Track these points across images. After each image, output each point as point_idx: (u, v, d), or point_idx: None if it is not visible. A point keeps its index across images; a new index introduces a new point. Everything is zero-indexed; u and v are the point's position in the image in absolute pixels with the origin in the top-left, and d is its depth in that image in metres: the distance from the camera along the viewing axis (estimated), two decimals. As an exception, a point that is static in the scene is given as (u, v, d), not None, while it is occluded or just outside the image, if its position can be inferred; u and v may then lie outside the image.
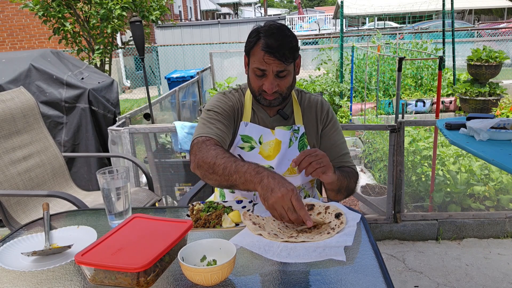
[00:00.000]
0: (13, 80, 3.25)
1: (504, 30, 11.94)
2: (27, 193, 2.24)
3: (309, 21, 30.16)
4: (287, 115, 1.58)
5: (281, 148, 1.55)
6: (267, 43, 1.40)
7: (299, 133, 1.58)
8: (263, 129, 1.56)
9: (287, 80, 1.46)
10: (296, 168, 1.32)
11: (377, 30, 10.85)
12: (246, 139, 1.56)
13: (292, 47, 1.43)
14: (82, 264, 0.96)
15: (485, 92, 6.14)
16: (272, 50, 1.39)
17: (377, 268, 1.01)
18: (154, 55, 10.48)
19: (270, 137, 1.56)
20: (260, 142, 1.56)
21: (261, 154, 1.56)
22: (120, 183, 1.25)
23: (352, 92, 6.65)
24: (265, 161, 1.55)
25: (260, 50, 1.41)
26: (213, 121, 1.49)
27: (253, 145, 1.56)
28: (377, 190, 3.45)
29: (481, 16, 21.73)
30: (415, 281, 2.45)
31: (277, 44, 1.39)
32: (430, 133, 3.84)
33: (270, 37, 1.40)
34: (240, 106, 1.59)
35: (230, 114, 1.54)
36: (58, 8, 5.42)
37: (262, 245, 1.10)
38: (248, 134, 1.56)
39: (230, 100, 1.58)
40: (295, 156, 1.51)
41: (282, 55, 1.40)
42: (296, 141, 1.57)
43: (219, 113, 1.52)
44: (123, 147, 2.86)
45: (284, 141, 1.55)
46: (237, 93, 1.61)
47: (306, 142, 1.59)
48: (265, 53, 1.40)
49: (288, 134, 1.56)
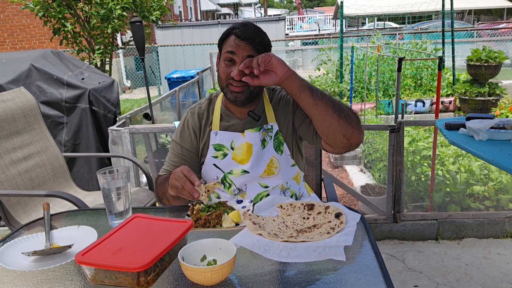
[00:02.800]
0: (14, 80, 3.25)
1: (503, 30, 11.93)
2: (28, 193, 2.24)
3: (309, 21, 30.17)
4: (258, 116, 1.54)
5: (253, 151, 1.52)
6: (239, 30, 1.41)
7: (272, 131, 1.54)
8: (233, 134, 1.54)
9: None
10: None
11: (377, 30, 10.84)
12: (218, 148, 1.55)
13: (264, 41, 1.44)
14: (82, 264, 0.97)
15: (484, 92, 6.14)
16: (243, 35, 1.40)
17: (377, 268, 1.01)
18: (154, 55, 10.48)
19: (241, 141, 1.53)
20: (232, 147, 1.54)
21: (234, 159, 1.53)
22: (121, 183, 1.26)
23: (352, 92, 6.65)
24: (239, 166, 1.53)
25: (232, 37, 1.42)
26: (172, 157, 1.61)
27: (225, 152, 1.54)
28: (377, 190, 3.45)
29: (481, 16, 21.72)
30: (415, 281, 2.45)
31: (249, 33, 1.41)
32: (429, 133, 3.84)
33: (242, 27, 1.42)
34: (207, 119, 1.59)
35: (191, 140, 1.59)
36: (59, 8, 5.42)
37: (262, 245, 1.10)
38: (219, 142, 1.54)
39: (192, 123, 1.59)
40: (271, 156, 1.54)
41: (252, 40, 1.40)
42: (271, 140, 1.54)
43: (179, 146, 1.60)
44: (123, 147, 2.86)
45: (255, 144, 1.52)
46: (205, 103, 1.62)
47: (282, 140, 1.55)
48: (236, 37, 1.41)
49: (258, 135, 1.52)
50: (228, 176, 1.54)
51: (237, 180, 1.54)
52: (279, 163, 1.54)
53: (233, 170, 1.53)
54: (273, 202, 1.38)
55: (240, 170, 1.53)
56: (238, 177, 1.53)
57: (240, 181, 1.54)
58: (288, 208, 1.31)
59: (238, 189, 1.55)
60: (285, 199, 1.41)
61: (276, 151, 1.54)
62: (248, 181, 1.54)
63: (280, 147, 1.55)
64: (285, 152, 1.55)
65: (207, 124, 1.58)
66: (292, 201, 1.37)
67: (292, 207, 1.31)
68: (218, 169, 1.55)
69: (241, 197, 1.55)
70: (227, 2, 33.64)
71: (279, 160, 1.54)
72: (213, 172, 1.56)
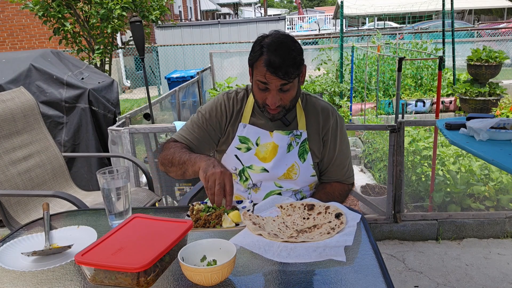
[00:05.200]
0: (13, 80, 3.25)
1: (504, 30, 11.92)
2: (27, 193, 2.24)
3: (309, 21, 30.15)
4: (289, 121, 1.55)
5: (277, 152, 1.53)
6: (269, 59, 1.36)
7: (300, 138, 1.55)
8: (261, 131, 1.55)
9: (290, 93, 1.44)
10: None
11: (377, 30, 10.84)
12: (243, 140, 1.56)
13: (296, 63, 1.39)
14: (82, 264, 0.97)
15: (485, 92, 6.14)
16: (274, 68, 1.36)
17: (377, 268, 1.01)
18: (154, 55, 10.48)
19: (267, 139, 1.55)
20: (257, 143, 1.55)
21: (256, 155, 1.55)
22: (120, 183, 1.25)
23: (352, 92, 6.65)
24: (261, 163, 1.54)
25: (263, 66, 1.38)
26: (195, 126, 1.59)
27: (249, 146, 1.56)
28: (377, 190, 3.45)
29: (481, 16, 21.72)
30: (415, 281, 2.45)
31: (279, 61, 1.35)
32: (430, 133, 3.84)
33: (272, 54, 1.36)
34: (239, 109, 1.59)
35: (218, 120, 1.58)
36: (58, 8, 5.42)
37: (262, 245, 1.10)
38: (245, 135, 1.56)
39: (226, 106, 1.59)
40: (293, 162, 1.54)
41: (284, 73, 1.36)
42: (297, 147, 1.55)
43: (205, 119, 1.59)
44: (123, 147, 2.86)
45: (281, 146, 1.53)
46: (241, 93, 1.61)
47: (307, 148, 1.56)
48: (267, 70, 1.37)
49: (286, 139, 1.54)
50: (246, 170, 1.56)
51: (255, 176, 1.56)
52: (299, 169, 1.55)
53: (253, 165, 1.55)
54: (273, 202, 1.37)
55: (260, 168, 1.54)
56: (256, 174, 1.55)
57: (257, 177, 1.56)
58: (288, 208, 1.31)
59: (253, 184, 1.57)
60: (285, 199, 1.41)
61: (300, 158, 1.55)
62: (265, 179, 1.55)
63: (304, 155, 1.55)
64: (308, 161, 1.56)
65: (239, 113, 1.59)
66: (292, 201, 1.36)
67: (292, 207, 1.31)
68: (238, 160, 1.57)
69: (254, 191, 1.57)
70: (227, 2, 33.62)
71: (300, 167, 1.55)
72: (233, 162, 1.58)
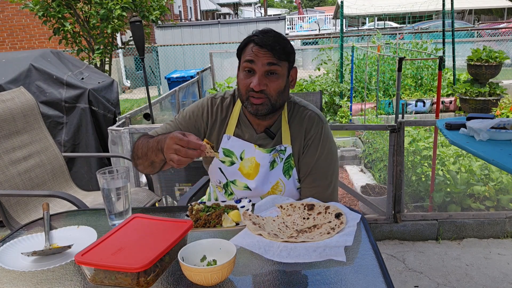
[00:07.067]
0: (13, 80, 3.25)
1: (504, 30, 11.92)
2: (27, 193, 2.24)
3: (309, 21, 30.15)
4: (274, 134, 1.48)
5: (259, 171, 1.47)
6: (259, 38, 1.35)
7: (285, 154, 1.46)
8: (245, 143, 1.48)
9: (277, 82, 1.37)
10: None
11: (377, 30, 10.84)
12: (227, 153, 1.50)
13: (286, 47, 1.37)
14: (82, 264, 0.96)
15: (485, 92, 6.13)
16: (263, 43, 1.34)
17: (377, 268, 1.01)
18: (154, 55, 10.48)
19: (251, 153, 1.48)
20: (241, 157, 1.49)
21: (240, 170, 1.49)
22: (120, 183, 1.25)
23: (352, 92, 6.65)
24: (244, 179, 1.49)
25: (250, 46, 1.37)
26: (172, 125, 1.51)
27: (233, 160, 1.49)
28: (377, 190, 3.45)
29: (481, 16, 21.71)
30: (415, 281, 2.45)
31: (267, 38, 1.35)
32: (430, 133, 3.83)
33: (261, 34, 1.37)
34: (224, 118, 1.51)
35: (198, 125, 1.51)
36: (58, 8, 5.43)
37: (262, 245, 1.10)
38: (229, 148, 1.49)
39: (209, 112, 1.51)
40: (277, 179, 1.47)
41: (272, 48, 1.34)
42: (281, 163, 1.47)
43: (184, 120, 1.51)
44: (123, 147, 2.86)
45: (262, 164, 1.46)
46: (228, 99, 1.53)
47: (293, 164, 1.48)
48: (255, 45, 1.35)
49: (267, 157, 1.46)
50: (230, 185, 1.52)
51: (239, 192, 1.52)
52: (285, 186, 1.50)
53: (236, 180, 1.50)
54: (273, 202, 1.37)
55: (244, 185, 1.49)
56: (240, 191, 1.51)
57: (241, 194, 1.52)
58: (288, 208, 1.31)
59: (239, 200, 1.51)
60: (285, 199, 1.41)
61: (284, 174, 1.49)
62: (250, 196, 1.50)
63: (289, 171, 1.49)
64: (293, 177, 1.50)
65: (223, 122, 1.51)
66: (292, 201, 1.36)
67: (292, 207, 1.31)
68: (222, 174, 1.52)
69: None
70: (227, 2, 33.61)
71: (285, 184, 1.50)
72: (217, 175, 1.53)
